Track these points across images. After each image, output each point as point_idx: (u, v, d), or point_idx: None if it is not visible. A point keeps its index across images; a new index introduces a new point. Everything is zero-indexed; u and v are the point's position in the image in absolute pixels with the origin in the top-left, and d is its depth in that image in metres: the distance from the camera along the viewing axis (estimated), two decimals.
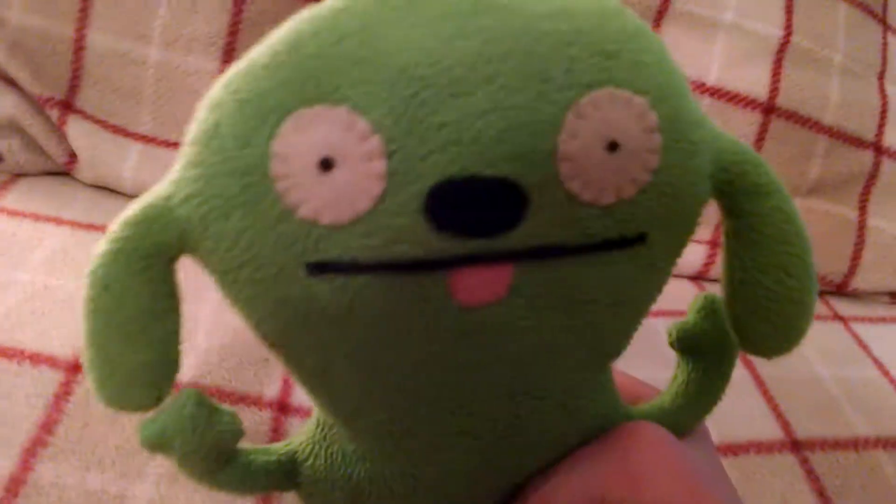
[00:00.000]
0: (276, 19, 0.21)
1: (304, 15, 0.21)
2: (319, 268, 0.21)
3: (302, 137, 0.20)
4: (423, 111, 0.20)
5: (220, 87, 0.21)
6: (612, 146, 0.21)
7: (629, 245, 0.23)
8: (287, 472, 0.28)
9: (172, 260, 0.22)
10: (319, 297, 0.21)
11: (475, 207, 0.20)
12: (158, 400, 0.23)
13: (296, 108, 0.20)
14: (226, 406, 0.26)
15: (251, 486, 0.27)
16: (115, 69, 0.61)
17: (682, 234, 0.24)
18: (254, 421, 0.42)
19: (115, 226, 0.22)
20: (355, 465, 0.27)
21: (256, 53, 0.21)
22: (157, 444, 0.24)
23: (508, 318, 0.23)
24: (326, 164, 0.20)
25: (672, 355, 0.31)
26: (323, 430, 0.27)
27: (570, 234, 0.22)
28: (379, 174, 0.20)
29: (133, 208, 0.22)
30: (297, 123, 0.20)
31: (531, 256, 0.22)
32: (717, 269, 0.64)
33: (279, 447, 0.28)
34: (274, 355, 0.24)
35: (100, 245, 0.22)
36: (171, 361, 0.23)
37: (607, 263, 0.23)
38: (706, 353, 0.29)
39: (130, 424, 0.39)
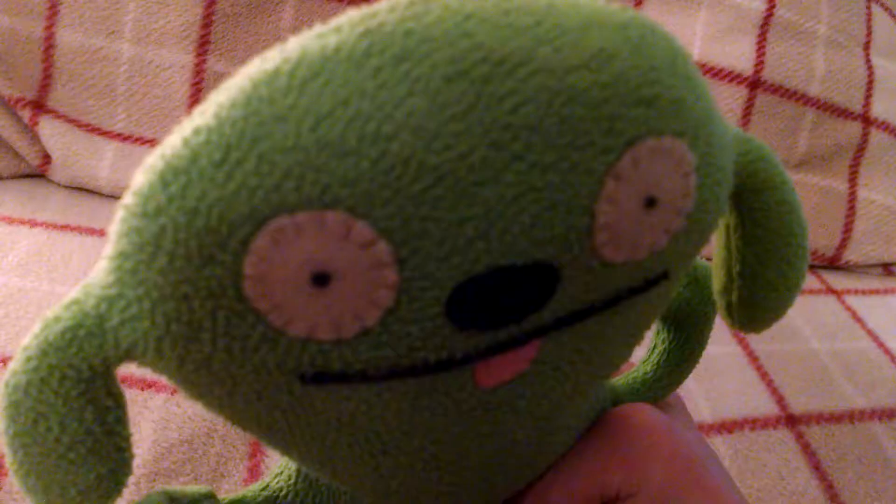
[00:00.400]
0: (249, 10, 0.17)
1: (252, 87, 0.16)
2: (318, 377, 0.18)
3: (285, 252, 0.16)
4: (439, 209, 0.16)
5: (151, 187, 0.16)
6: (651, 202, 0.18)
7: (653, 285, 0.21)
8: None
9: (113, 369, 0.19)
10: (318, 403, 0.19)
11: (503, 297, 0.18)
12: (117, 498, 0.21)
13: (272, 218, 0.15)
14: (196, 488, 0.23)
15: None
16: (86, 67, 0.60)
17: (695, 256, 0.22)
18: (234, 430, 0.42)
19: (33, 348, 0.18)
20: None
21: (196, 141, 0.16)
22: None
23: (530, 386, 0.21)
24: (321, 280, 0.16)
25: None
26: (307, 478, 0.25)
27: (598, 296, 0.19)
28: (388, 284, 0.16)
29: (52, 327, 0.18)
30: (277, 236, 0.16)
31: (558, 326, 0.19)
32: None
33: (256, 492, 0.26)
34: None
35: (14, 370, 0.18)
36: (125, 465, 0.20)
37: (629, 307, 0.21)
38: (687, 321, 0.29)
39: None
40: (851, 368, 0.55)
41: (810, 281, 0.68)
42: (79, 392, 0.18)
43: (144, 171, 0.17)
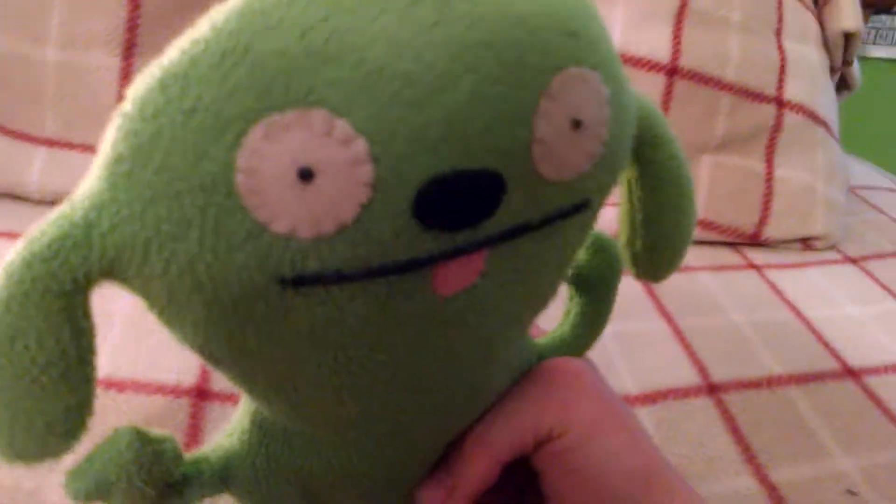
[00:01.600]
0: (176, 11, 0.19)
1: (246, 4, 0.18)
2: (296, 282, 0.19)
3: (275, 147, 0.17)
4: (407, 110, 0.18)
5: (151, 92, 0.18)
6: (577, 124, 0.21)
7: (578, 211, 0.23)
8: (221, 478, 0.27)
9: (91, 289, 0.20)
10: (292, 311, 0.20)
11: (460, 201, 0.20)
12: (77, 443, 0.21)
13: (264, 115, 0.17)
14: (160, 432, 0.24)
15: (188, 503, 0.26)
16: (13, 72, 0.59)
17: (611, 191, 0.25)
18: (172, 410, 0.42)
19: (14, 263, 0.19)
20: (307, 457, 0.27)
21: (194, 51, 0.18)
22: (95, 493, 0.22)
23: (479, 300, 0.23)
24: (305, 175, 0.18)
25: None
26: (261, 428, 0.26)
27: (535, 213, 0.22)
28: (365, 181, 0.18)
29: (35, 241, 0.19)
30: (268, 131, 0.17)
31: (502, 239, 0.22)
32: None
33: (207, 454, 0.27)
34: (219, 370, 0.23)
35: None
36: (90, 400, 0.21)
37: (557, 232, 0.23)
38: (597, 285, 0.32)
39: None
40: (771, 338, 0.58)
41: (732, 258, 0.71)
42: (59, 307, 0.19)
43: (141, 80, 0.18)
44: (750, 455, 0.46)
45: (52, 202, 0.19)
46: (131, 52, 0.60)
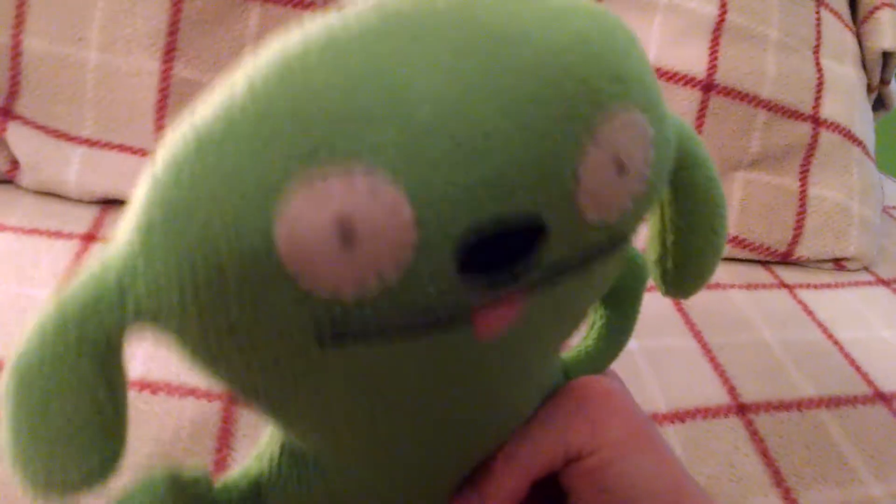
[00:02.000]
0: (216, 17, 0.18)
1: (285, 61, 0.17)
2: (334, 338, 0.19)
3: (317, 213, 0.17)
4: (456, 172, 0.18)
5: (186, 157, 0.17)
6: (622, 168, 0.20)
7: (616, 247, 0.23)
8: (252, 503, 0.27)
9: (125, 344, 0.19)
10: (331, 364, 0.20)
11: (502, 250, 0.19)
12: (110, 481, 0.21)
13: (306, 182, 0.17)
14: (193, 468, 0.24)
15: None
16: (54, 73, 0.60)
17: (645, 220, 0.24)
18: (204, 413, 0.43)
19: (48, 325, 0.18)
20: (337, 482, 0.26)
21: (231, 116, 0.17)
22: None
23: (518, 341, 0.23)
24: (349, 237, 0.17)
25: None
26: (291, 455, 0.26)
27: (575, 253, 0.22)
28: (410, 243, 0.18)
29: (68, 302, 0.18)
30: (311, 196, 0.17)
31: (542, 282, 0.21)
32: None
33: (238, 480, 0.27)
34: (250, 408, 0.22)
35: (27, 349, 0.18)
36: (124, 445, 0.20)
37: (595, 268, 0.23)
38: (621, 297, 0.32)
39: None
40: (801, 359, 0.57)
41: (764, 276, 0.70)
42: (94, 368, 0.19)
43: (171, 143, 0.18)
44: (779, 478, 0.46)
45: (90, 201, 0.19)
46: (171, 56, 0.61)
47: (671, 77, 0.69)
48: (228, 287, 0.18)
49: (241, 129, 0.17)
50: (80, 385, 0.19)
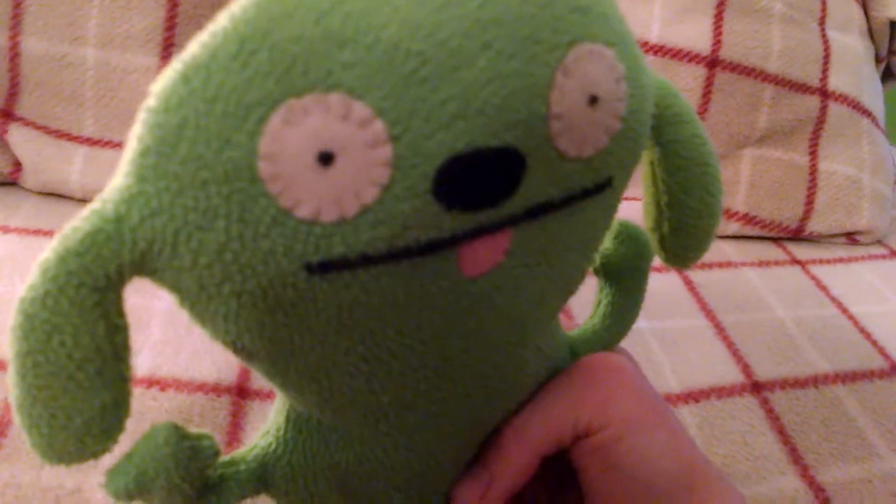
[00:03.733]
0: (213, 11, 0.19)
1: None
2: (321, 267, 0.19)
3: (294, 131, 0.18)
4: (424, 88, 0.18)
5: (174, 85, 0.18)
6: (593, 100, 0.21)
7: (601, 190, 0.23)
8: (258, 478, 0.27)
9: (124, 284, 0.20)
10: (320, 296, 0.20)
11: (480, 179, 0.20)
12: (115, 443, 0.21)
13: (283, 100, 0.18)
14: (198, 430, 0.24)
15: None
16: (53, 73, 0.60)
17: (632, 170, 0.25)
18: (213, 408, 0.42)
19: (49, 260, 0.19)
20: (342, 452, 0.26)
21: (214, 42, 0.18)
22: (135, 491, 0.22)
23: (506, 281, 0.23)
24: (326, 158, 0.18)
25: None
26: (296, 425, 0.26)
27: (557, 190, 0.22)
28: (385, 161, 0.18)
29: (69, 237, 0.19)
30: (287, 116, 0.18)
31: (525, 218, 0.22)
32: None
33: (244, 454, 0.27)
34: (252, 366, 0.23)
35: (31, 287, 0.19)
36: (126, 399, 0.21)
37: (581, 211, 0.23)
38: (626, 274, 0.32)
39: None
40: (816, 335, 0.57)
41: (776, 252, 0.70)
42: (93, 302, 0.19)
43: (164, 75, 0.19)
44: (796, 455, 0.45)
45: (94, 200, 0.19)
46: (169, 52, 0.61)
47: (675, 54, 0.68)
48: (214, 203, 0.18)
49: (221, 54, 0.18)
50: (81, 319, 0.19)
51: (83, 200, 0.61)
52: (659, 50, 0.68)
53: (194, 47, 0.18)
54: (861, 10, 0.80)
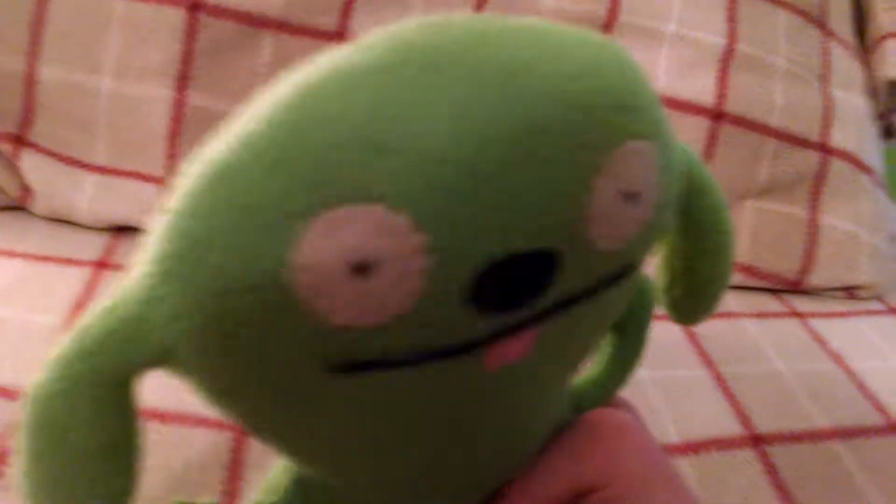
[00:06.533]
0: (228, 47, 0.19)
1: (299, 95, 0.18)
2: (346, 367, 0.19)
3: (332, 243, 0.17)
4: (467, 201, 0.18)
5: (203, 189, 0.18)
6: (630, 197, 0.20)
7: (627, 274, 0.23)
8: None
9: (140, 378, 0.20)
10: (341, 392, 0.20)
11: (515, 283, 0.20)
12: None
13: (321, 212, 0.17)
14: (201, 501, 0.24)
15: None
16: (67, 101, 0.61)
17: (654, 247, 0.25)
18: (214, 442, 0.42)
19: (67, 356, 0.19)
20: None
21: (248, 146, 0.17)
22: None
23: (527, 370, 0.23)
24: (362, 269, 0.17)
25: None
26: (303, 486, 0.26)
27: (587, 282, 0.22)
28: (423, 270, 0.18)
29: (88, 334, 0.19)
30: (325, 228, 0.17)
31: (554, 312, 0.21)
32: None
33: None
34: (261, 440, 0.23)
35: (47, 381, 0.19)
36: (136, 481, 0.21)
37: (606, 295, 0.23)
38: (629, 324, 0.32)
39: None
40: (815, 389, 0.57)
41: (775, 305, 0.70)
42: (110, 399, 0.19)
43: (191, 175, 0.18)
44: None
45: (102, 228, 0.19)
46: (184, 84, 0.61)
47: (680, 106, 0.70)
48: (243, 313, 0.18)
49: (256, 161, 0.17)
50: (96, 416, 0.19)
51: (92, 227, 0.61)
52: (664, 102, 0.69)
53: (223, 147, 0.18)
54: (863, 69, 0.81)
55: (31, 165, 0.61)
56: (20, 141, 0.61)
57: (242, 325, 0.18)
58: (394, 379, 0.20)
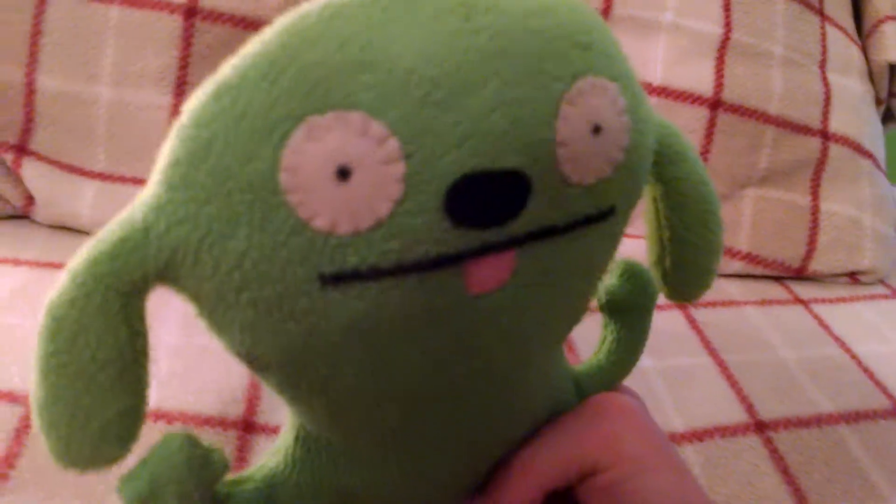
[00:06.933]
0: (225, 51, 0.20)
1: (290, 24, 0.20)
2: (334, 278, 0.20)
3: (315, 146, 0.19)
4: (436, 111, 0.20)
5: (205, 103, 0.20)
6: (596, 130, 0.22)
7: (603, 218, 0.24)
8: (265, 497, 0.27)
9: (147, 292, 0.21)
10: (333, 307, 0.21)
11: (488, 199, 0.21)
12: (128, 451, 0.22)
13: (306, 117, 0.19)
14: (210, 442, 0.25)
15: None
16: (67, 110, 0.61)
17: (635, 202, 0.26)
18: (219, 442, 0.43)
19: (80, 265, 0.20)
20: (349, 474, 0.27)
21: (244, 64, 0.20)
22: (148, 496, 0.23)
23: (510, 301, 0.24)
24: (343, 173, 0.19)
25: None
26: (305, 444, 0.27)
27: (560, 215, 0.23)
28: (398, 177, 0.20)
29: (100, 243, 0.20)
30: (310, 132, 0.19)
31: (530, 240, 0.23)
32: None
33: (253, 473, 0.27)
34: (265, 379, 0.24)
35: (60, 290, 0.20)
36: (144, 405, 0.22)
37: (584, 237, 0.24)
38: (630, 311, 0.32)
39: None
40: (819, 374, 0.57)
41: (778, 292, 0.70)
42: (119, 306, 0.20)
43: (195, 95, 0.20)
44: (800, 496, 0.45)
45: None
46: (182, 90, 0.62)
47: (678, 96, 0.70)
48: (237, 212, 0.20)
49: (250, 75, 0.19)
50: (106, 323, 0.20)
51: (93, 234, 0.62)
52: (662, 91, 0.69)
53: (225, 69, 0.20)
54: (861, 54, 0.81)
55: (33, 174, 0.61)
56: (22, 150, 0.62)
57: (236, 225, 0.20)
58: (381, 294, 0.21)
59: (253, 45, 0.20)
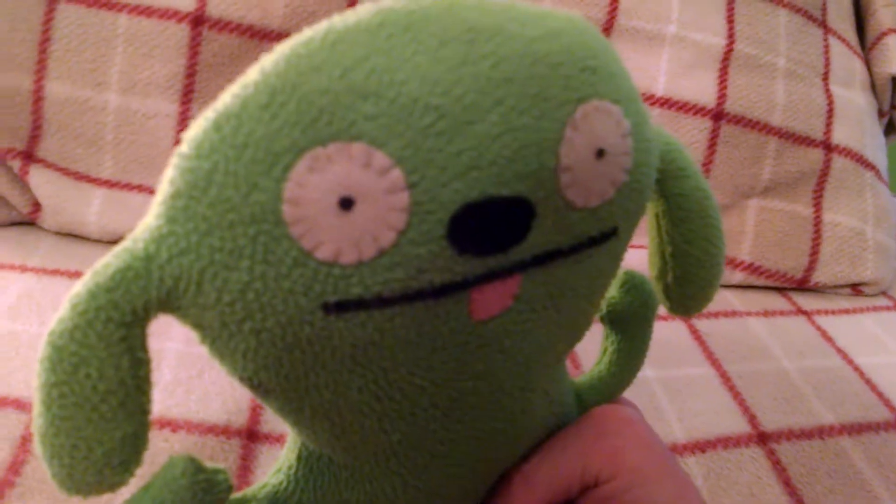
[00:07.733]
0: (231, 60, 0.20)
1: (292, 49, 0.20)
2: (338, 307, 0.20)
3: (318, 178, 0.19)
4: (440, 140, 0.20)
5: (205, 132, 0.20)
6: (600, 153, 0.22)
7: (606, 239, 0.24)
8: None
9: (149, 321, 0.21)
10: (336, 335, 0.21)
11: (492, 227, 0.21)
12: (132, 475, 0.22)
13: (309, 148, 0.19)
14: (213, 465, 0.25)
15: None
16: (74, 117, 0.62)
17: (638, 221, 0.26)
18: (222, 450, 0.43)
19: (80, 294, 0.20)
20: (352, 490, 0.27)
21: (245, 93, 0.19)
22: None
23: (513, 324, 0.24)
24: (346, 203, 0.19)
25: None
26: (307, 463, 0.27)
27: (564, 239, 0.23)
28: (402, 207, 0.20)
29: (101, 273, 0.20)
30: (312, 164, 0.19)
31: (534, 264, 0.23)
32: None
33: (255, 491, 0.27)
34: (267, 403, 0.24)
35: (61, 320, 0.20)
36: (145, 432, 0.22)
37: (587, 258, 0.24)
38: (631, 323, 0.32)
39: None
40: (821, 386, 0.57)
41: (781, 303, 0.70)
42: (120, 336, 0.20)
43: (196, 124, 0.20)
44: None
45: (111, 241, 0.20)
46: (189, 98, 0.62)
47: (681, 107, 0.70)
48: (240, 244, 0.19)
49: (252, 104, 0.19)
50: (107, 353, 0.20)
51: (100, 241, 0.62)
52: (665, 103, 0.70)
53: (226, 98, 0.20)
54: (864, 66, 0.81)
55: (40, 181, 0.61)
56: (29, 157, 0.62)
57: (239, 257, 0.20)
58: (386, 322, 0.21)
59: (254, 72, 0.20)
